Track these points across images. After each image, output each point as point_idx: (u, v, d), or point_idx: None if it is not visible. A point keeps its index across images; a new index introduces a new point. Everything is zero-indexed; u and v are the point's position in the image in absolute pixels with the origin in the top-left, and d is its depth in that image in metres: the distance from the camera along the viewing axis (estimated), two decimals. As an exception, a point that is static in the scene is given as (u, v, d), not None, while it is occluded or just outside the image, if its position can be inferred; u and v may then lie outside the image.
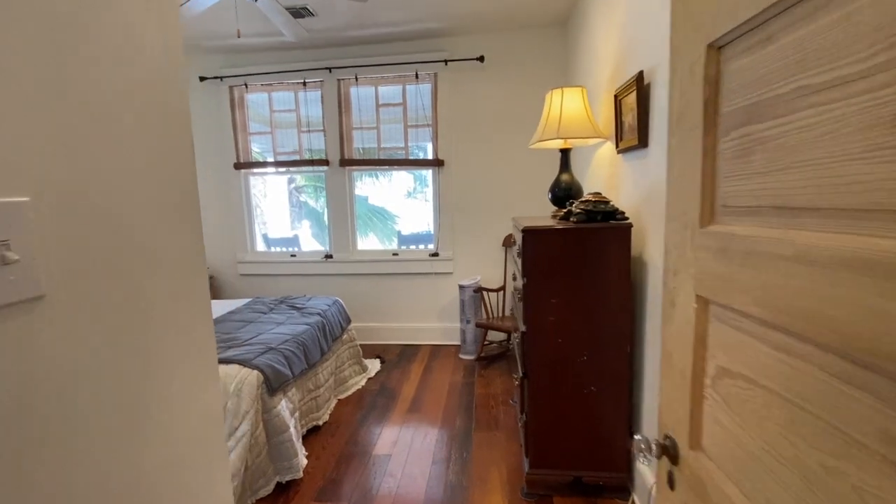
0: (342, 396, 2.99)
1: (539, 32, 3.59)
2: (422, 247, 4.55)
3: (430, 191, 4.06)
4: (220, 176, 4.14)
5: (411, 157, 4.00)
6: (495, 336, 3.90)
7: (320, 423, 2.60)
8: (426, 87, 3.81)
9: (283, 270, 4.18)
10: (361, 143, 4.02)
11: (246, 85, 3.96)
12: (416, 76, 3.74)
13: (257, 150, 4.26)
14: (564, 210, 2.07)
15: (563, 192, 2.29)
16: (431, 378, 3.33)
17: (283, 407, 2.08)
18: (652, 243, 1.74)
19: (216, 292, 4.27)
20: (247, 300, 3.29)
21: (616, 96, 2.05)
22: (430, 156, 3.97)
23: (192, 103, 3.99)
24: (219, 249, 4.23)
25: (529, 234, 1.79)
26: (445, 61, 3.64)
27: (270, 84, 3.97)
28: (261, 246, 4.57)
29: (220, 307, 3.13)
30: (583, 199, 1.87)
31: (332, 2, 3.03)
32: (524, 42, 3.61)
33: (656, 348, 1.73)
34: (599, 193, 1.86)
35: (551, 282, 1.81)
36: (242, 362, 1.99)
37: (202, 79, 3.95)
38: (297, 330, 2.51)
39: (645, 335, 1.83)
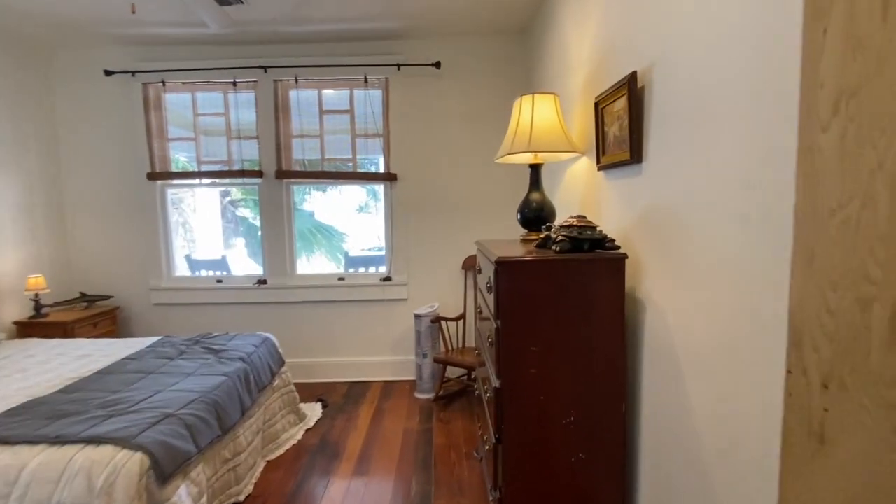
0: (273, 457, 2.47)
1: (498, 39, 3.32)
2: (372, 270, 4.10)
3: (381, 207, 3.64)
4: (129, 187, 3.50)
5: (360, 171, 3.58)
6: (455, 369, 3.50)
7: (241, 497, 2.07)
8: (376, 94, 3.43)
9: (206, 299, 3.57)
10: (303, 153, 3.55)
11: (164, 83, 3.39)
12: (366, 80, 3.35)
13: (185, 158, 3.68)
14: (541, 235, 1.73)
15: (534, 214, 1.97)
16: (383, 425, 2.87)
17: (183, 495, 1.57)
18: (649, 277, 1.43)
19: (122, 326, 3.58)
20: (154, 339, 2.69)
21: (597, 104, 1.76)
22: (381, 169, 3.56)
23: (95, 101, 3.38)
24: (126, 274, 3.56)
25: (505, 266, 1.43)
26: (398, 65, 3.28)
27: (194, 83, 3.43)
28: (183, 269, 3.93)
29: (117, 349, 2.52)
30: (564, 223, 1.54)
31: (264, -12, 2.60)
32: (483, 49, 3.33)
33: (656, 407, 1.41)
34: (584, 217, 1.54)
35: (531, 325, 1.46)
36: (119, 442, 1.46)
37: (108, 73, 3.34)
38: (210, 384, 1.99)
39: (641, 390, 1.51)
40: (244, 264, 4.90)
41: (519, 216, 2.00)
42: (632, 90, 1.46)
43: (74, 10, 2.80)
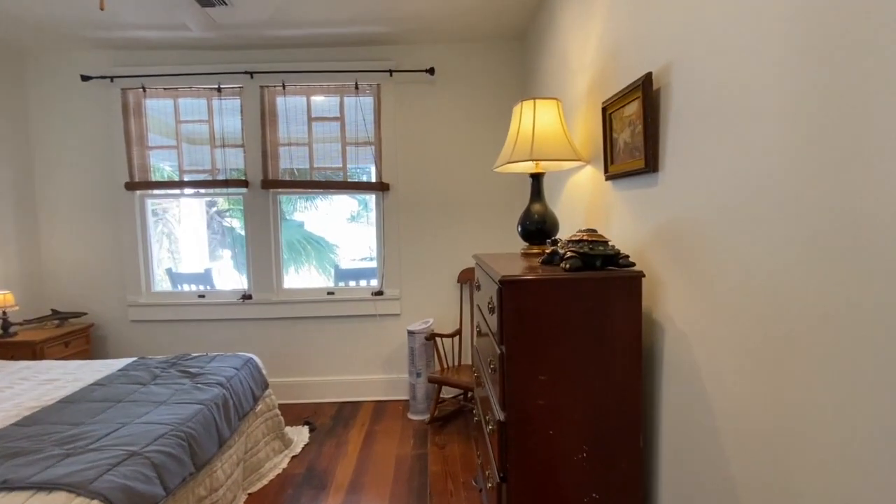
0: (255, 489, 2.28)
1: (494, 44, 3.22)
2: (364, 283, 3.94)
3: (373, 216, 3.49)
4: (106, 197, 3.32)
5: (351, 180, 3.44)
6: (451, 388, 3.34)
7: (218, 538, 1.88)
8: (368, 101, 3.30)
9: (187, 315, 3.38)
10: (290, 162, 3.39)
11: (144, 88, 3.23)
12: (356, 87, 3.22)
13: (169, 167, 3.51)
14: (545, 250, 1.60)
15: (536, 226, 1.84)
16: (374, 450, 2.69)
17: (147, 544, 1.38)
18: (668, 298, 1.30)
19: (98, 345, 3.37)
20: (127, 361, 2.50)
21: (605, 109, 1.64)
22: (373, 178, 3.42)
23: (72, 107, 3.21)
24: (102, 289, 3.37)
25: (510, 286, 1.29)
26: (390, 71, 3.16)
27: (176, 88, 3.27)
28: (164, 284, 3.74)
29: (86, 373, 2.33)
30: (574, 237, 1.40)
31: (249, -11, 2.47)
32: (478, 54, 3.23)
33: (678, 441, 1.27)
34: (594, 231, 1.41)
35: (539, 351, 1.31)
36: (74, 487, 1.28)
37: (85, 78, 3.18)
38: (183, 414, 1.81)
39: (660, 423, 1.37)
40: (230, 278, 4.70)
41: (519, 228, 1.87)
42: (646, 93, 1.34)
43: (48, 10, 2.65)
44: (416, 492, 2.28)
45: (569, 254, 1.35)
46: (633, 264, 1.35)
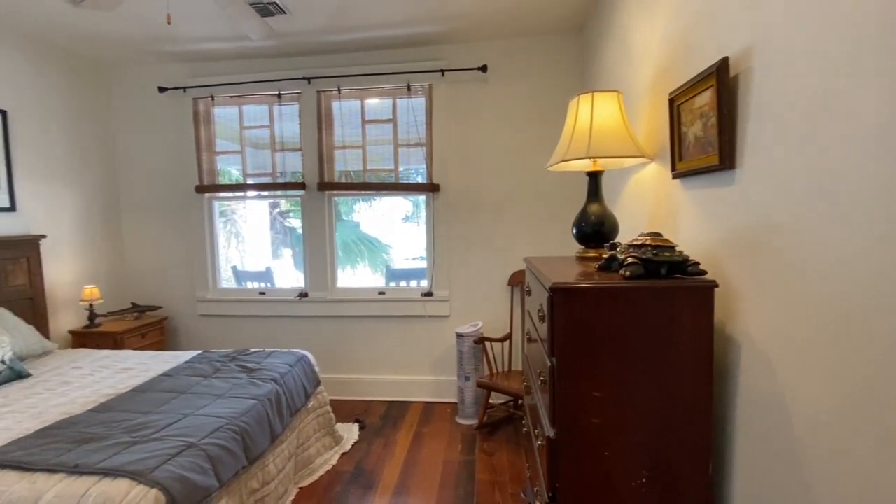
0: (305, 483, 2.34)
1: (549, 38, 3.09)
2: (413, 284, 3.95)
3: (425, 218, 3.48)
4: (180, 200, 3.57)
5: (402, 181, 3.45)
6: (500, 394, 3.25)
7: (269, 530, 1.94)
8: (420, 102, 3.29)
9: (250, 311, 3.56)
10: (345, 164, 3.47)
11: (212, 97, 3.44)
12: (409, 88, 3.22)
13: (236, 171, 3.72)
14: (602, 254, 1.48)
15: (593, 229, 1.72)
16: (422, 453, 2.67)
17: (202, 534, 1.44)
18: (746, 312, 1.15)
19: (171, 337, 3.63)
20: (193, 354, 2.66)
21: (672, 101, 1.50)
22: (424, 179, 3.41)
23: (150, 117, 3.47)
24: (175, 285, 3.63)
25: (562, 294, 1.20)
26: (442, 71, 3.13)
27: (241, 96, 3.45)
28: (229, 281, 3.97)
29: (157, 364, 2.50)
30: (635, 242, 1.28)
31: (306, -4, 2.53)
32: (533, 50, 3.11)
33: (754, 473, 1.12)
34: (659, 234, 1.28)
35: (594, 366, 1.21)
36: (136, 476, 1.36)
37: (161, 89, 3.43)
38: (239, 409, 1.88)
39: (733, 451, 1.22)
40: (289, 276, 4.90)
41: (575, 231, 1.76)
42: (722, 81, 1.19)
43: (129, 29, 2.88)
44: (463, 499, 2.22)
45: (629, 260, 1.23)
46: (703, 272, 1.21)
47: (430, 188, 3.29)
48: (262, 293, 3.60)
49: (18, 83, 2.89)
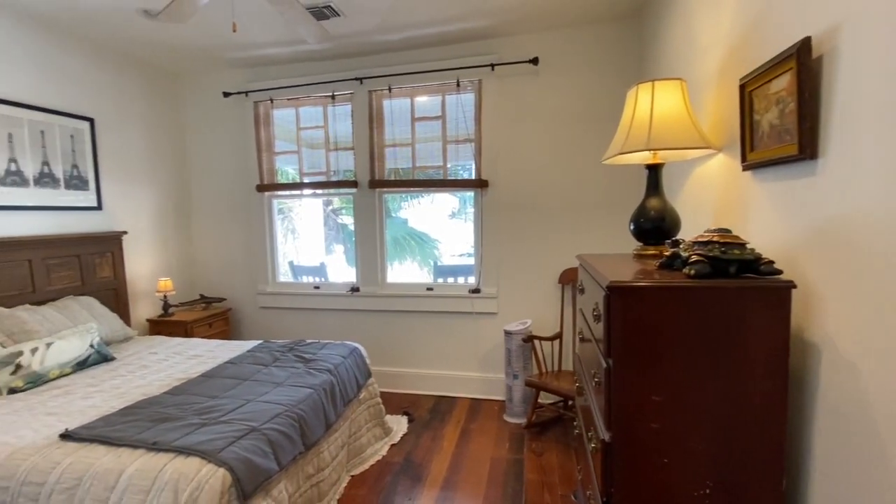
0: (357, 472, 2.41)
1: (604, 27, 2.97)
2: (461, 280, 3.96)
3: (473, 214, 3.48)
4: (242, 198, 3.79)
5: (451, 178, 3.46)
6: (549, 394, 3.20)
7: (324, 514, 2.02)
8: (469, 98, 3.28)
9: (305, 304, 3.72)
10: (395, 162, 3.53)
11: (271, 100, 3.61)
12: (458, 84, 3.22)
13: (293, 170, 3.89)
14: (663, 251, 1.41)
15: (653, 224, 1.63)
16: (469, 449, 2.68)
17: (264, 513, 1.52)
18: (829, 316, 1.05)
19: (234, 327, 3.87)
20: (254, 343, 2.82)
21: (742, 87, 1.39)
22: (472, 175, 3.40)
23: (216, 120, 3.69)
24: (238, 278, 3.86)
25: (620, 293, 1.15)
26: (492, 65, 3.10)
27: (297, 98, 3.60)
28: (286, 275, 4.16)
29: (223, 351, 2.67)
30: (701, 238, 1.21)
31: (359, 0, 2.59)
32: (586, 39, 3.01)
33: (836, 491, 1.02)
34: (727, 231, 1.20)
35: (653, 369, 1.15)
36: (206, 455, 1.46)
37: (226, 94, 3.65)
38: (296, 397, 1.97)
39: (811, 466, 1.12)
40: (341, 271, 5.07)
41: (632, 226, 1.68)
42: (802, 62, 1.09)
43: (198, 39, 3.08)
44: (511, 498, 2.21)
45: (694, 257, 1.16)
46: (779, 272, 1.12)
47: (479, 184, 3.28)
48: (316, 287, 3.75)
49: (103, 94, 3.18)
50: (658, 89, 1.56)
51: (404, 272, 5.76)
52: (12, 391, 2.08)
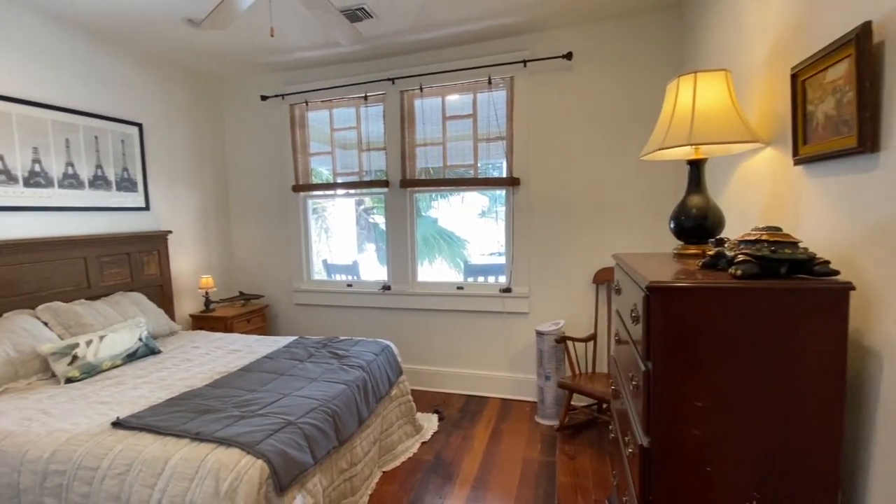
0: (388, 468, 2.44)
1: (642, 19, 2.88)
2: (492, 279, 3.93)
3: (504, 211, 3.45)
4: (278, 198, 3.90)
5: (482, 176, 3.44)
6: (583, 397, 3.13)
7: (356, 509, 2.05)
8: (500, 95, 3.26)
9: (338, 302, 3.79)
10: (426, 161, 3.54)
11: (307, 102, 3.70)
12: (489, 81, 3.20)
13: (326, 171, 3.99)
14: (707, 251, 1.35)
15: (694, 222, 1.57)
16: (500, 449, 2.66)
17: (299, 505, 1.56)
18: (894, 320, 0.97)
19: (271, 323, 3.99)
20: (290, 339, 2.90)
21: (794, 77, 1.31)
22: (504, 173, 3.37)
23: (254, 123, 3.81)
24: (275, 276, 3.97)
25: (661, 294, 1.11)
26: (524, 62, 3.06)
27: (331, 100, 3.67)
28: (320, 273, 4.25)
29: (260, 347, 2.76)
30: (748, 237, 1.15)
31: (391, 0, 2.61)
32: (623, 32, 2.92)
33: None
34: (777, 229, 1.13)
35: (696, 373, 1.11)
36: (245, 447, 1.51)
37: (263, 98, 3.76)
38: (330, 392, 2.01)
39: (869, 481, 1.05)
40: (373, 269, 5.14)
41: (672, 224, 1.62)
42: (862, 49, 1.02)
43: (238, 45, 3.19)
44: (543, 501, 2.17)
45: (740, 257, 1.11)
46: (835, 272, 1.05)
47: (510, 182, 3.25)
48: (349, 285, 3.82)
49: (150, 100, 3.34)
50: (701, 81, 1.49)
51: (434, 271, 5.78)
52: (69, 380, 2.22)
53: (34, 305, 2.51)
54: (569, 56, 2.98)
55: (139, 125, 3.23)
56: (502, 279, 3.47)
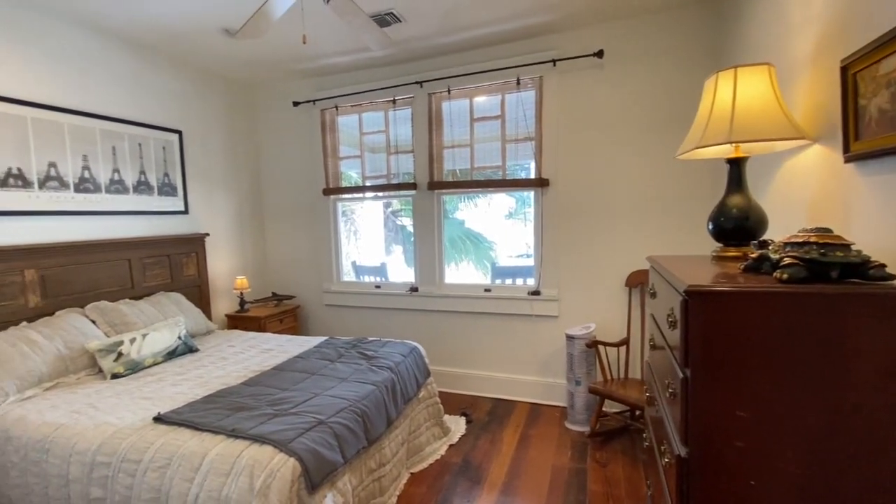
0: (417, 469, 2.44)
1: (677, 14, 2.79)
2: (520, 282, 3.89)
3: (531, 213, 3.41)
4: (309, 201, 3.99)
5: (510, 178, 3.42)
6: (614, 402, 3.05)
7: (385, 509, 2.07)
8: (529, 95, 3.22)
9: (366, 303, 3.84)
10: (453, 163, 3.54)
11: (336, 107, 3.77)
12: (518, 82, 3.17)
13: (355, 174, 4.06)
14: (749, 253, 1.29)
15: (734, 223, 1.50)
16: (529, 454, 2.63)
17: (330, 504, 1.58)
18: (961, 328, 0.90)
19: (302, 323, 4.08)
20: (320, 340, 2.95)
21: (844, 69, 1.24)
22: (532, 174, 3.34)
23: (286, 129, 3.91)
24: (306, 277, 4.06)
25: (700, 298, 1.07)
26: (553, 61, 3.02)
27: (360, 104, 3.72)
28: (349, 275, 4.32)
29: (292, 346, 2.82)
30: (794, 238, 1.09)
31: (419, 4, 2.63)
32: (657, 28, 2.84)
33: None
34: (827, 230, 1.07)
35: (738, 382, 1.06)
36: (278, 445, 1.54)
37: (295, 104, 3.85)
38: (360, 393, 2.03)
39: (939, 500, 0.97)
40: (400, 271, 5.18)
41: (711, 226, 1.56)
42: (924, 36, 0.95)
43: (272, 53, 3.28)
44: (574, 509, 2.13)
45: (787, 259, 1.05)
46: (892, 276, 0.98)
47: (539, 183, 3.21)
48: (377, 287, 3.86)
49: (189, 108, 3.48)
50: (742, 76, 1.43)
51: (461, 273, 5.77)
52: (115, 376, 2.33)
53: (83, 304, 2.65)
54: (600, 54, 2.92)
55: (179, 132, 3.37)
56: (530, 281, 3.43)
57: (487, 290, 3.48)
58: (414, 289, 3.66)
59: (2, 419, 1.89)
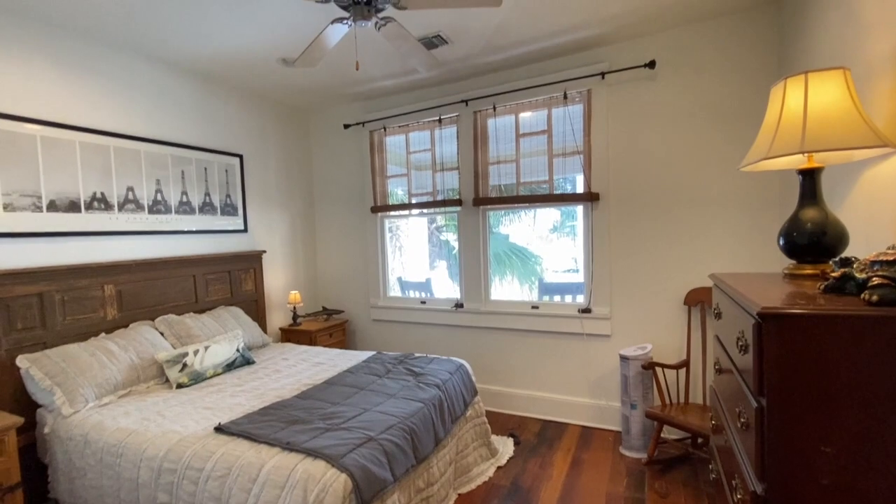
0: (464, 490, 2.40)
1: (734, 20, 2.68)
2: (568, 299, 3.79)
3: (579, 228, 3.32)
4: (358, 219, 4.11)
5: (557, 192, 3.36)
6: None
7: (433, 530, 2.04)
8: (577, 109, 3.18)
9: (412, 318, 3.87)
10: (498, 178, 3.54)
11: (385, 128, 3.89)
12: (565, 96, 3.14)
13: (401, 191, 4.15)
14: (830, 273, 1.19)
15: (809, 239, 1.39)
16: (581, 481, 2.51)
17: (379, 522, 1.58)
18: None
19: (350, 338, 4.17)
20: (368, 354, 2.99)
21: (936, 69, 1.13)
22: (579, 189, 3.27)
23: (337, 150, 4.07)
24: (354, 292, 4.16)
25: (777, 321, 0.99)
26: (602, 74, 2.97)
27: (407, 125, 3.82)
28: (395, 290, 4.38)
29: (342, 360, 2.88)
30: (883, 256, 0.99)
31: (466, 25, 2.68)
32: (713, 34, 2.73)
33: None
34: (924, 247, 0.97)
35: (823, 414, 0.96)
36: (331, 460, 1.56)
37: (346, 126, 4.01)
38: (408, 410, 2.03)
39: None
40: (445, 287, 5.20)
41: (782, 241, 1.45)
42: None
43: (325, 79, 3.45)
44: (632, 542, 2.00)
45: (875, 280, 0.96)
46: None
47: (589, 197, 3.13)
48: (422, 302, 3.89)
49: (249, 132, 3.71)
50: (813, 82, 1.34)
51: (505, 289, 5.70)
52: (180, 386, 2.47)
53: (153, 317, 2.85)
54: (651, 64, 2.84)
55: (240, 156, 3.60)
56: (580, 298, 3.33)
57: (535, 307, 3.41)
58: (459, 305, 3.66)
59: (81, 424, 2.04)
